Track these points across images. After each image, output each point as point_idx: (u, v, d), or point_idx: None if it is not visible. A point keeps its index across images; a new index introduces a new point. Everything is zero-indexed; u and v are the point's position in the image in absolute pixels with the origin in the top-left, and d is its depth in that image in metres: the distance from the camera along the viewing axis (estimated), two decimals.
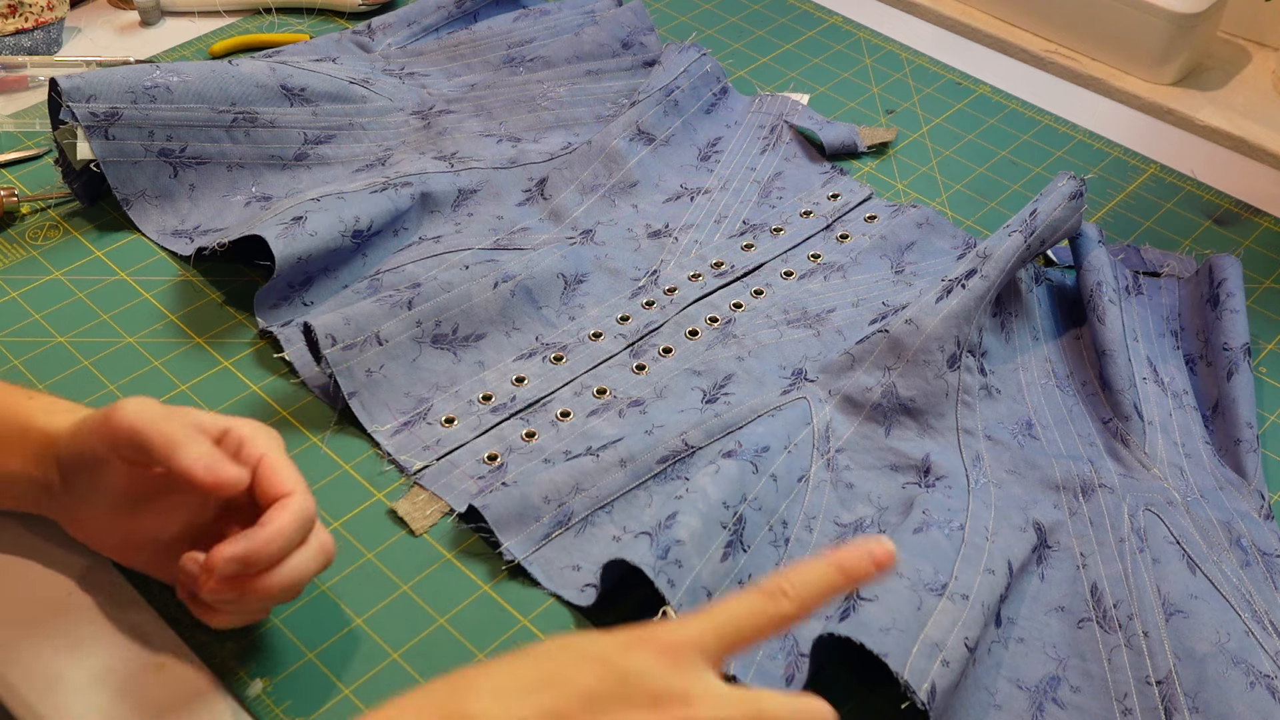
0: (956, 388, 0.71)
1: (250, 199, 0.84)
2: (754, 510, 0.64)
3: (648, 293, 0.80)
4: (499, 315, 0.76)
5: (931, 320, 0.71)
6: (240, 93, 0.84)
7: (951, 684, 0.56)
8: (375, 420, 0.71)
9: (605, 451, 0.68)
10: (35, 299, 0.79)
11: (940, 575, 0.59)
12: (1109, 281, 0.77)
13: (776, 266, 0.82)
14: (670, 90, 0.91)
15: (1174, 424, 0.73)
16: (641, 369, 0.75)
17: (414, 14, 1.01)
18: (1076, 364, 0.77)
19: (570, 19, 1.01)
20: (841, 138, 0.92)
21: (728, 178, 0.89)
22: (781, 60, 1.03)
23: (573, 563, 0.65)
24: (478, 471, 0.69)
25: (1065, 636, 0.62)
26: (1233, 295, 0.78)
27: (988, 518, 0.64)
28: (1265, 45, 1.08)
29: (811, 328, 0.78)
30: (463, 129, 0.90)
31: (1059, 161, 0.94)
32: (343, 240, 0.77)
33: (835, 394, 0.72)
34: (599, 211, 0.85)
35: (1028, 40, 1.09)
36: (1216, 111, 1.01)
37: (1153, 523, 0.66)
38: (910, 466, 0.69)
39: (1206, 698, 0.57)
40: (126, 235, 0.83)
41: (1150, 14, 1.00)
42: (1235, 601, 0.61)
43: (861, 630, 0.56)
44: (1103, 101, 1.02)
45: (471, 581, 0.65)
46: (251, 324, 0.77)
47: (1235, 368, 0.74)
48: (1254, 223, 0.89)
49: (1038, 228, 0.74)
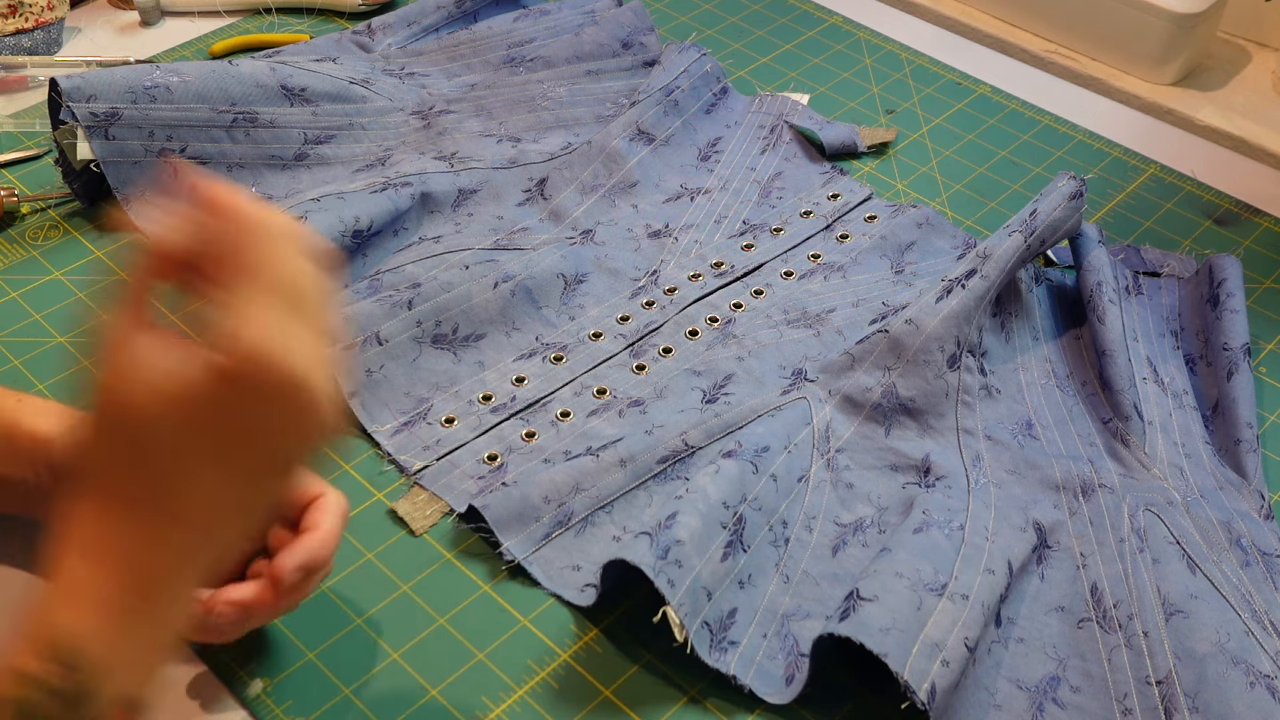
0: (956, 388, 0.71)
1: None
2: (754, 510, 0.64)
3: (648, 293, 0.80)
4: (499, 315, 0.76)
5: (931, 320, 0.71)
6: (240, 93, 0.84)
7: (951, 684, 0.56)
8: (375, 420, 0.71)
9: (605, 451, 0.68)
10: (35, 299, 0.79)
11: (940, 575, 0.59)
12: (1109, 281, 0.77)
13: (776, 266, 0.82)
14: (670, 90, 0.91)
15: (1174, 424, 0.73)
16: (641, 369, 0.75)
17: (414, 14, 1.01)
18: (1076, 364, 0.77)
19: (570, 19, 1.01)
20: (841, 138, 0.92)
21: (728, 178, 0.89)
22: (781, 60, 1.03)
23: (573, 563, 0.65)
24: (478, 471, 0.69)
25: (1065, 636, 0.62)
26: (1233, 295, 0.78)
27: (988, 518, 0.64)
28: (1265, 45, 1.08)
29: (811, 328, 0.78)
30: (463, 129, 0.90)
31: (1059, 161, 0.94)
32: (343, 240, 0.77)
33: (835, 394, 0.72)
34: (599, 211, 0.85)
35: (1028, 40, 1.09)
36: (1216, 111, 1.01)
37: (1153, 523, 0.66)
38: (910, 466, 0.69)
39: (1206, 698, 0.57)
40: (126, 235, 0.83)
41: (1150, 14, 1.00)
42: (1235, 601, 0.61)
43: (861, 630, 0.56)
44: (1103, 101, 1.02)
45: (471, 581, 0.65)
46: None
47: (1235, 368, 0.74)
48: (1254, 223, 0.89)
49: (1038, 228, 0.74)
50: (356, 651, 0.61)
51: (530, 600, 0.64)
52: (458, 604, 0.64)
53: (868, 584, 0.59)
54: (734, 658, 0.60)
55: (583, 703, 0.60)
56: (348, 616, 0.63)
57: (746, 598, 0.62)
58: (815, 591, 0.64)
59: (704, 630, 0.59)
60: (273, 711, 0.58)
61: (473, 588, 0.64)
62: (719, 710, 0.60)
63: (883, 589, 0.58)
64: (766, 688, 0.59)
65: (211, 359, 0.43)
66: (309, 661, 0.61)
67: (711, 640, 0.60)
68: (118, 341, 0.45)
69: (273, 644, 0.61)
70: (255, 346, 0.43)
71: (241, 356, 0.43)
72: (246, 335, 0.43)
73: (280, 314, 0.44)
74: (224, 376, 0.43)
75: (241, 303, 0.43)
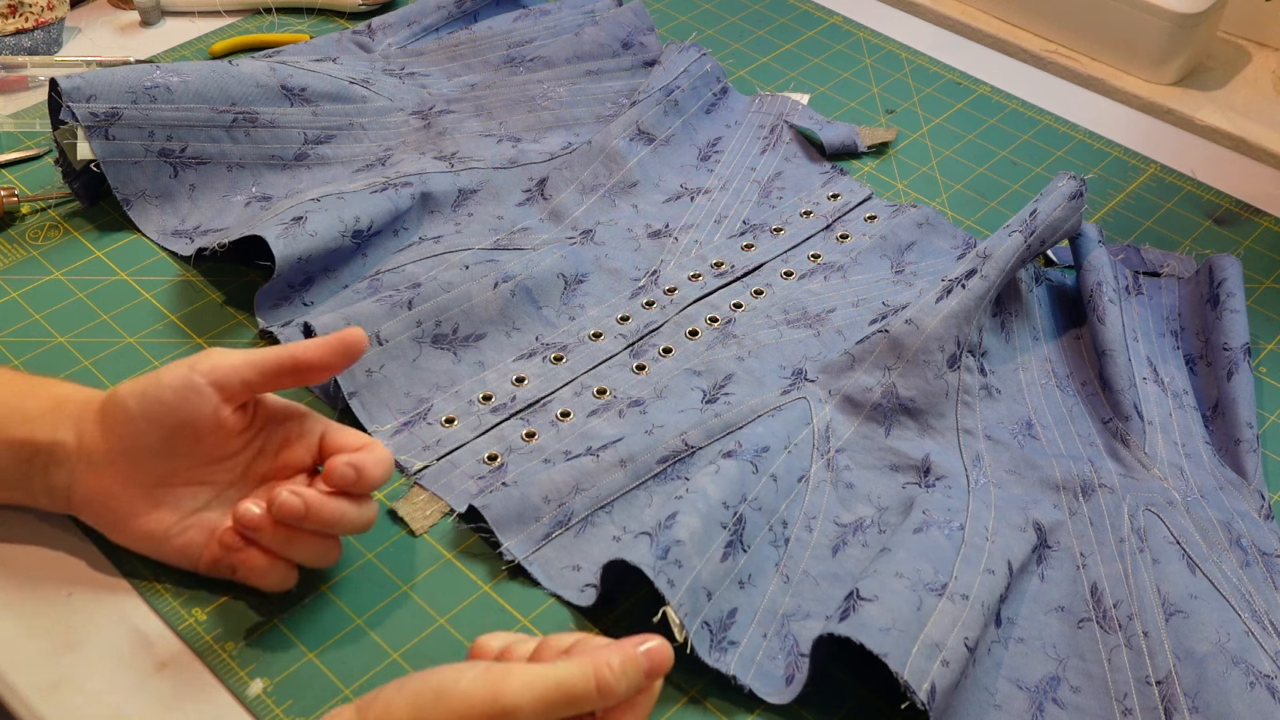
0: (956, 388, 0.71)
1: (250, 199, 0.84)
2: (754, 510, 0.64)
3: (648, 293, 0.80)
4: (499, 315, 0.76)
5: (931, 320, 0.71)
6: (240, 93, 0.84)
7: (951, 684, 0.56)
8: (375, 420, 0.71)
9: (605, 451, 0.68)
10: (35, 299, 0.79)
11: (940, 575, 0.59)
12: (1109, 281, 0.77)
13: (776, 266, 0.82)
14: (670, 90, 0.91)
15: (1174, 424, 0.73)
16: (641, 369, 0.75)
17: (414, 14, 1.01)
18: (1076, 364, 0.77)
19: (570, 19, 1.01)
20: (841, 138, 0.92)
21: (728, 178, 0.89)
22: (781, 60, 1.03)
23: (573, 563, 0.65)
24: (478, 471, 0.69)
25: (1065, 636, 0.62)
26: (1233, 295, 0.78)
27: (988, 518, 0.64)
28: (1265, 45, 1.08)
29: (811, 328, 0.78)
30: (463, 129, 0.90)
31: (1059, 161, 0.94)
32: (343, 240, 0.77)
33: (835, 394, 0.72)
34: (599, 211, 0.85)
35: (1028, 40, 1.09)
36: (1216, 111, 1.01)
37: (1153, 523, 0.66)
38: (910, 466, 0.69)
39: (1206, 698, 0.58)
40: (126, 235, 0.83)
41: (1150, 14, 1.00)
42: (1235, 601, 0.61)
43: (861, 630, 0.56)
44: (1103, 101, 1.02)
45: (471, 581, 0.65)
46: (251, 324, 0.77)
47: (1235, 368, 0.74)
48: (1254, 223, 0.89)
49: (1038, 228, 0.74)
50: (356, 651, 0.61)
51: (530, 600, 0.64)
52: (458, 604, 0.64)
53: (868, 584, 0.59)
54: (734, 658, 0.60)
55: None
56: (348, 616, 0.63)
57: (746, 598, 0.62)
58: (815, 591, 0.64)
59: (704, 630, 0.59)
60: (273, 711, 0.58)
61: (473, 588, 0.64)
62: (719, 710, 0.60)
63: (883, 589, 0.58)
64: (766, 688, 0.59)
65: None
66: (309, 661, 0.61)
67: (711, 640, 0.60)
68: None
69: (273, 644, 0.61)
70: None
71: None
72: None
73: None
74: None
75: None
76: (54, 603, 0.63)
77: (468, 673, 0.49)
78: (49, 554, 0.65)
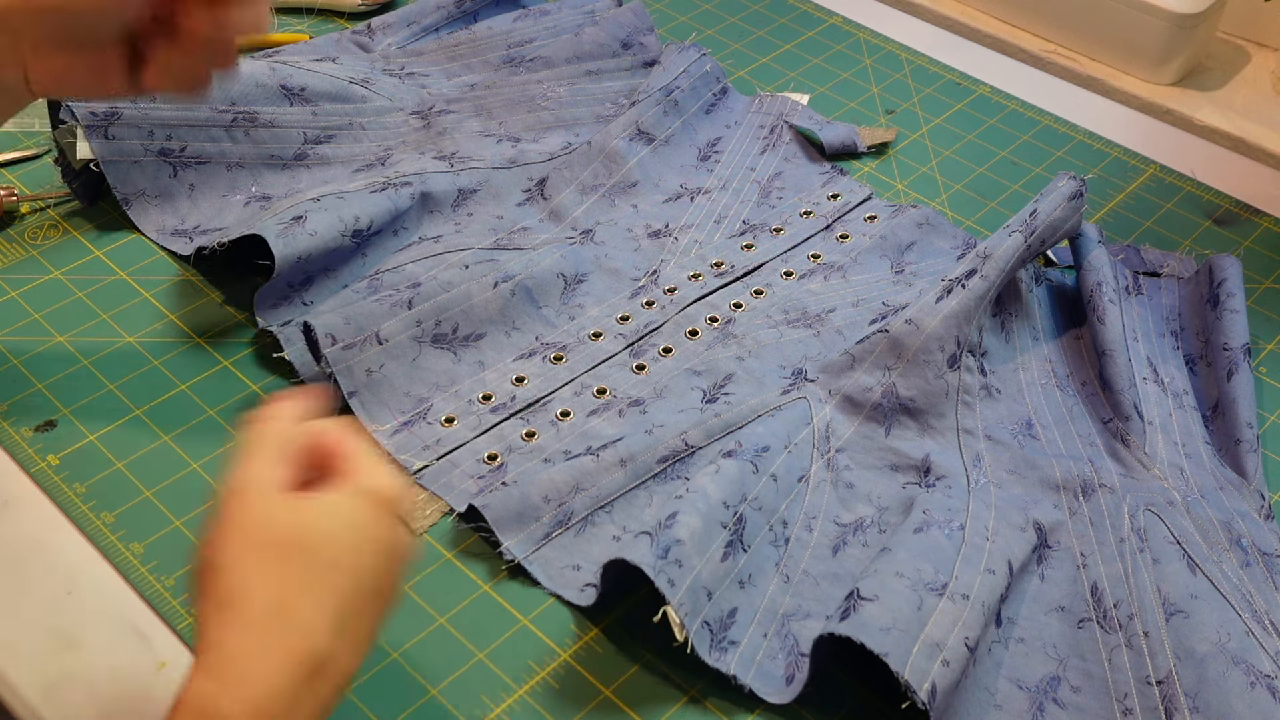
0: (956, 388, 0.71)
1: (250, 199, 0.84)
2: (754, 510, 0.64)
3: (648, 292, 0.80)
4: (499, 315, 0.76)
5: (931, 320, 0.71)
6: (240, 92, 0.84)
7: (952, 684, 0.56)
8: (375, 420, 0.71)
9: (605, 451, 0.68)
10: (35, 299, 0.78)
11: (940, 575, 0.59)
12: (1109, 281, 0.77)
13: (776, 266, 0.82)
14: (670, 90, 0.91)
15: (1174, 424, 0.73)
16: (641, 369, 0.75)
17: (414, 14, 1.01)
18: (1076, 364, 0.77)
19: (570, 19, 1.01)
20: (841, 138, 0.92)
21: (728, 178, 0.89)
22: (781, 60, 1.03)
23: (573, 562, 0.65)
24: (478, 471, 0.69)
25: (1065, 636, 0.62)
26: (1233, 295, 0.78)
27: (988, 518, 0.64)
28: (1265, 45, 1.08)
29: (811, 328, 0.78)
30: (463, 129, 0.90)
31: (1059, 161, 0.94)
32: (343, 240, 0.77)
33: (835, 394, 0.72)
34: (599, 211, 0.85)
35: (1028, 40, 1.09)
36: (1216, 111, 1.01)
37: (1153, 523, 0.66)
38: (910, 466, 0.69)
39: (1207, 698, 0.57)
40: (126, 235, 0.83)
41: (1150, 14, 1.00)
42: (1235, 601, 0.61)
43: (862, 630, 0.56)
44: (1102, 101, 1.02)
45: (471, 581, 0.65)
46: (251, 324, 0.77)
47: (1235, 368, 0.74)
48: (1254, 223, 0.89)
49: (1038, 228, 0.74)
50: None
51: (530, 600, 0.64)
52: (458, 604, 0.64)
53: (868, 584, 0.59)
54: (734, 657, 0.60)
55: (583, 703, 0.60)
56: None
57: (747, 597, 0.62)
58: (815, 591, 0.64)
59: (704, 630, 0.59)
60: None
61: (473, 588, 0.64)
62: (719, 710, 0.60)
63: (883, 589, 0.58)
64: (766, 687, 0.59)
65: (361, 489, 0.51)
66: None
67: (711, 640, 0.60)
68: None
69: None
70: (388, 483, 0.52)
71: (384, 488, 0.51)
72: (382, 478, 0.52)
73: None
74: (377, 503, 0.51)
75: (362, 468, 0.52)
76: (54, 603, 0.63)
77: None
78: (49, 554, 0.65)
